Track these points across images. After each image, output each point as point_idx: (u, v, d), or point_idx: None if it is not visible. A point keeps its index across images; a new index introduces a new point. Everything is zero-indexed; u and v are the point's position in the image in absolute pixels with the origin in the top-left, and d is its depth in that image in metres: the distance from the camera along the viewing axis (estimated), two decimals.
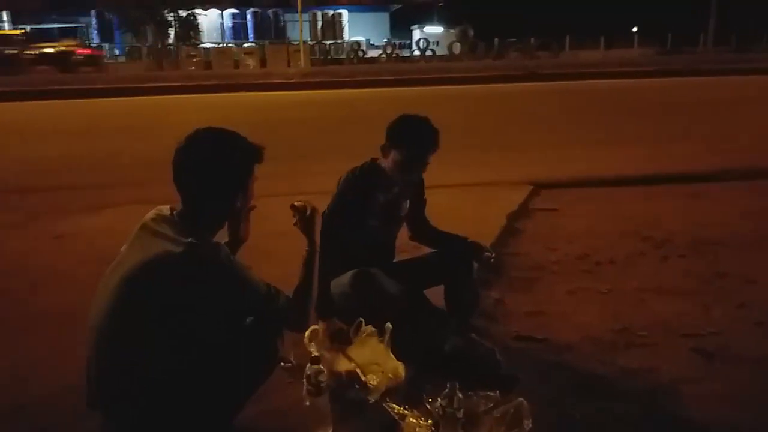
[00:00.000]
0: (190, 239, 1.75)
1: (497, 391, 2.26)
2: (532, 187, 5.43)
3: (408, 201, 2.85)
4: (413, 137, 2.62)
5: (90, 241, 4.23)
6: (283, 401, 2.26)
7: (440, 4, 37.27)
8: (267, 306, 1.87)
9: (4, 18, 33.40)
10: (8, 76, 19.26)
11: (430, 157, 2.65)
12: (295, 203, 2.07)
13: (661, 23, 33.57)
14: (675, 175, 5.86)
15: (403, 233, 2.99)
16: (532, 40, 29.21)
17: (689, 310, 3.13)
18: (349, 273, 2.65)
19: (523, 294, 3.36)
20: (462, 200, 5.05)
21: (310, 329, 2.31)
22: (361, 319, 2.37)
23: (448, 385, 2.04)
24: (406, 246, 3.07)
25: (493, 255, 2.87)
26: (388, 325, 2.42)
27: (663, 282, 3.47)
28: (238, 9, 35.07)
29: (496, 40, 29.03)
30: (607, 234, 4.28)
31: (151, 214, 1.90)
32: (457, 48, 28.67)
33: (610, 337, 2.86)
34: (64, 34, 34.66)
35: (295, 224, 2.08)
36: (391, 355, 2.41)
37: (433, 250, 2.94)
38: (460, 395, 2.03)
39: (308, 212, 2.06)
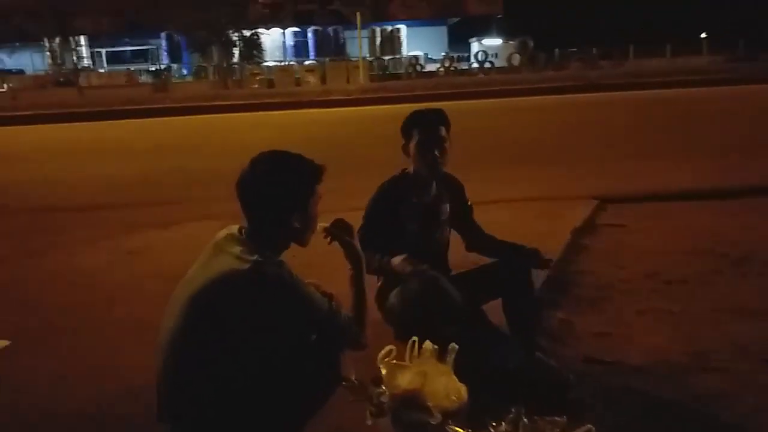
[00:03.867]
0: (255, 257, 1.80)
1: (565, 417, 2.20)
2: (597, 201, 5.27)
3: (447, 205, 2.85)
4: (418, 120, 2.75)
5: (159, 257, 4.39)
6: (344, 420, 2.26)
7: (498, 16, 37.00)
8: (329, 323, 1.89)
9: (82, 42, 35.31)
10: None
11: (444, 131, 2.74)
12: (324, 225, 2.08)
13: (732, 29, 32.23)
14: (751, 188, 5.56)
15: (458, 246, 2.94)
16: (594, 49, 28.56)
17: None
18: (414, 280, 2.64)
19: (591, 314, 3.25)
20: (524, 216, 4.97)
21: (386, 349, 2.32)
22: (415, 338, 2.34)
23: (513, 410, 2.00)
24: (463, 261, 3.02)
25: (551, 260, 2.80)
26: (454, 345, 2.38)
27: (740, 302, 3.29)
28: (299, 27, 35.92)
29: (556, 50, 28.56)
30: (679, 251, 4.10)
31: (222, 232, 1.96)
32: (516, 60, 28.36)
33: (683, 360, 2.73)
34: (137, 55, 36.50)
35: (329, 243, 2.09)
36: (454, 377, 2.37)
37: (489, 261, 2.89)
38: (525, 420, 1.98)
39: (342, 228, 2.07)
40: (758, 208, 5.08)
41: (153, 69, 31.57)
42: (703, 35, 34.11)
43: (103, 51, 36.67)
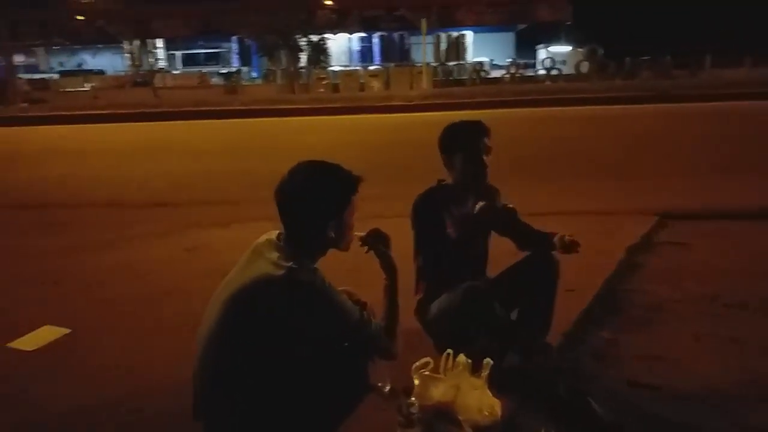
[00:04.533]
0: (290, 264, 1.84)
1: None
2: (658, 218, 5.08)
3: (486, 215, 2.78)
4: (461, 134, 2.73)
5: (216, 255, 4.52)
6: (375, 428, 2.27)
7: (567, 22, 36.21)
8: (358, 332, 1.91)
9: (159, 44, 36.92)
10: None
11: (487, 140, 2.72)
12: (361, 234, 2.09)
13: None
14: None
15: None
16: (668, 58, 27.50)
17: None
18: (454, 291, 2.64)
19: (639, 335, 3.14)
20: (579, 230, 4.71)
21: (422, 360, 2.33)
22: (450, 351, 2.32)
23: (543, 429, 1.96)
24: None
25: (571, 237, 2.74)
26: (488, 360, 2.36)
27: None
28: (365, 33, 36.29)
29: (627, 58, 27.67)
30: (742, 274, 3.90)
31: (262, 237, 2.02)
32: (584, 67, 27.66)
33: (735, 390, 2.60)
34: (209, 58, 37.83)
35: (366, 252, 2.11)
36: (488, 392, 2.35)
37: (517, 261, 2.86)
38: None
39: (378, 238, 2.08)
40: None
41: (224, 72, 32.62)
42: None
43: (179, 53, 38.18)
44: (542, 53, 34.24)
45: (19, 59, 35.62)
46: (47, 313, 3.53)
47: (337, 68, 30.72)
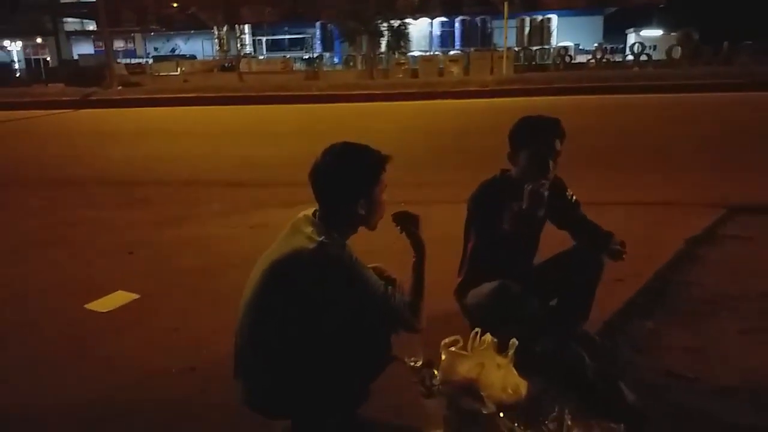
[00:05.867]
0: (321, 238, 1.98)
1: (621, 425, 2.17)
2: (725, 210, 4.86)
3: (544, 209, 2.73)
4: (532, 131, 2.64)
5: (277, 232, 4.73)
6: (402, 398, 2.38)
7: (660, 5, 34.38)
8: (383, 304, 2.03)
9: (246, 30, 38.19)
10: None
11: (559, 144, 2.63)
12: (393, 213, 2.19)
13: None
14: None
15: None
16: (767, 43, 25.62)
17: None
18: (489, 285, 2.71)
19: (686, 328, 3.07)
20: (640, 220, 4.73)
21: (452, 338, 2.42)
22: (478, 329, 2.39)
23: (557, 408, 2.01)
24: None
25: (620, 247, 2.69)
26: (514, 340, 2.42)
27: None
28: (447, 17, 35.95)
29: (725, 43, 26.00)
30: None
31: (300, 214, 2.18)
32: (677, 52, 26.21)
33: None
34: (294, 44, 38.75)
35: (400, 232, 2.20)
36: (514, 371, 2.41)
37: (564, 252, 2.84)
38: (568, 421, 1.98)
39: (408, 219, 2.18)
40: None
41: (306, 57, 33.33)
42: None
43: (264, 39, 39.34)
44: (632, 38, 32.73)
45: (118, 45, 37.98)
46: (122, 279, 3.87)
47: (417, 53, 30.69)
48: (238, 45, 35.86)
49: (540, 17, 35.26)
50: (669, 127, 10.36)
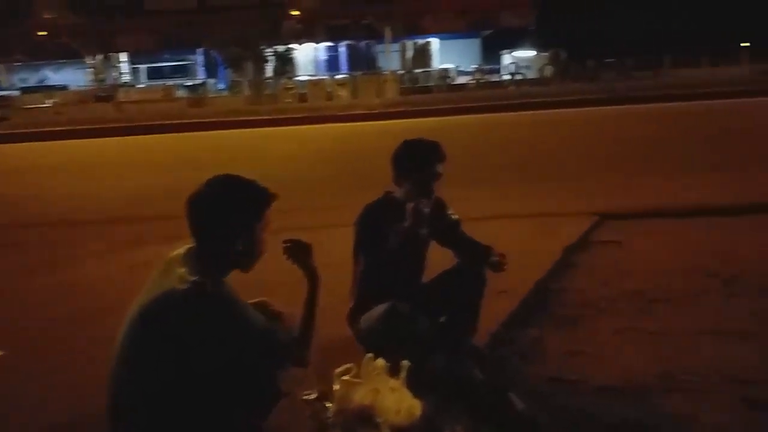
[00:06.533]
0: (195, 278, 1.88)
1: None
2: (597, 217, 5.22)
3: (426, 229, 2.83)
4: (415, 156, 2.72)
5: None
6: None
7: (531, 28, 36.80)
8: (266, 341, 1.96)
9: (123, 58, 36.57)
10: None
11: (440, 168, 2.72)
12: (284, 244, 2.12)
13: None
14: (759, 204, 5.41)
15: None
16: (628, 60, 28.13)
17: (746, 354, 2.90)
18: (379, 309, 2.71)
19: (566, 332, 3.24)
20: (522, 232, 4.96)
21: (344, 366, 2.38)
22: (371, 355, 2.39)
23: (450, 425, 2.03)
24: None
25: (500, 258, 2.80)
26: (406, 362, 2.43)
27: (723, 323, 3.24)
28: (332, 42, 36.41)
29: (589, 61, 28.23)
30: (670, 270, 4.04)
31: (173, 252, 2.06)
32: (548, 71, 28.15)
33: (650, 380, 2.71)
34: (176, 71, 37.55)
35: (292, 263, 2.14)
36: (407, 393, 2.41)
37: (449, 269, 2.91)
38: None
39: (299, 248, 2.12)
40: (763, 225, 4.96)
41: (189, 84, 32.41)
42: (744, 45, 33.18)
43: (143, 66, 37.82)
44: (507, 58, 34.73)
45: None
46: None
47: (304, 78, 30.76)
48: (115, 74, 34.22)
49: (421, 41, 36.57)
50: (544, 141, 11.04)
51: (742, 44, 32.59)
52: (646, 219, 5.24)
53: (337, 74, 32.27)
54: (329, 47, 36.87)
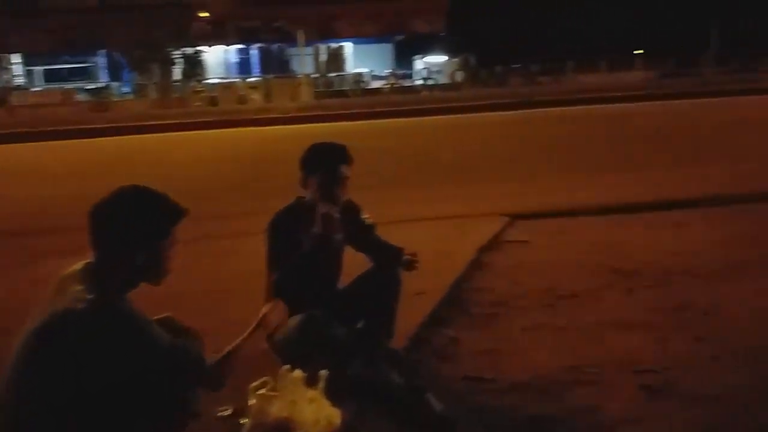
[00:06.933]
0: (92, 296, 1.77)
1: None
2: (508, 218, 5.41)
3: (342, 234, 2.83)
4: (320, 158, 2.72)
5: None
6: None
7: (441, 34, 37.72)
8: (173, 359, 1.87)
9: (16, 60, 34.24)
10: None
11: (346, 170, 2.72)
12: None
13: (664, 44, 33.70)
14: (656, 202, 5.80)
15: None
16: (534, 66, 29.44)
17: (645, 345, 3.08)
18: (295, 318, 2.67)
19: (480, 331, 3.33)
20: (437, 234, 5.05)
21: (259, 381, 2.32)
22: (287, 366, 2.35)
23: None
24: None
25: (412, 258, 2.85)
26: (323, 372, 2.41)
27: (624, 315, 3.43)
28: (243, 44, 35.76)
29: (498, 67, 29.31)
30: (576, 266, 4.25)
31: (69, 269, 1.92)
32: (459, 76, 28.96)
33: (559, 375, 2.83)
34: (75, 73, 35.55)
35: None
36: (326, 402, 2.39)
37: (363, 273, 2.92)
38: None
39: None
40: (659, 221, 5.31)
41: (91, 87, 30.80)
42: (638, 51, 35.52)
43: (40, 69, 35.58)
44: (419, 64, 35.42)
45: None
46: None
47: (214, 81, 30.00)
48: (6, 76, 31.98)
49: (335, 45, 36.62)
50: (456, 145, 11.31)
51: (636, 51, 34.88)
52: (552, 218, 5.47)
53: (250, 77, 31.74)
54: (240, 50, 36.20)
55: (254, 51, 36.29)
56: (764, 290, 3.66)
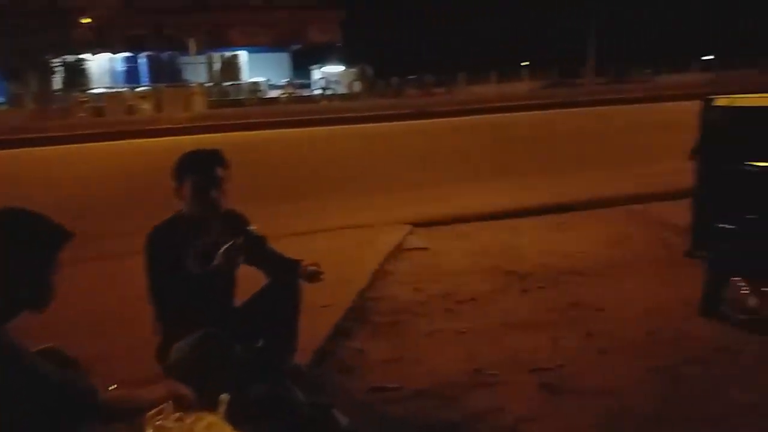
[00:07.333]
0: None
1: None
2: (410, 226, 5.48)
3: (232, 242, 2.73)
4: (192, 163, 2.61)
5: None
6: None
7: (338, 44, 37.94)
8: (57, 394, 1.72)
9: None
10: None
11: (221, 171, 2.60)
12: None
13: (548, 56, 35.82)
14: (543, 206, 6.10)
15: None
16: (429, 77, 30.29)
17: (541, 343, 3.21)
18: (190, 339, 2.54)
19: (384, 340, 3.33)
20: (339, 244, 5.02)
21: (156, 409, 2.17)
22: (186, 392, 2.23)
23: None
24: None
25: (315, 269, 2.78)
26: (224, 396, 2.31)
27: (520, 316, 3.56)
28: (131, 52, 34.14)
29: (394, 78, 29.87)
30: (473, 270, 4.37)
31: None
32: (357, 87, 29.21)
33: (461, 379, 2.88)
34: None
35: None
36: (227, 427, 2.28)
37: (261, 288, 2.82)
38: None
39: None
40: (548, 224, 5.60)
41: None
42: (524, 63, 37.49)
43: None
44: (317, 73, 35.39)
45: None
46: None
47: (100, 90, 28.39)
48: None
49: (229, 54, 35.82)
50: (356, 155, 11.37)
51: (522, 63, 36.80)
52: (449, 225, 5.61)
53: (138, 86, 30.30)
54: (128, 58, 34.53)
55: (143, 59, 34.72)
56: (643, 286, 3.93)
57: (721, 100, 2.45)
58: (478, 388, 2.79)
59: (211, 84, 30.67)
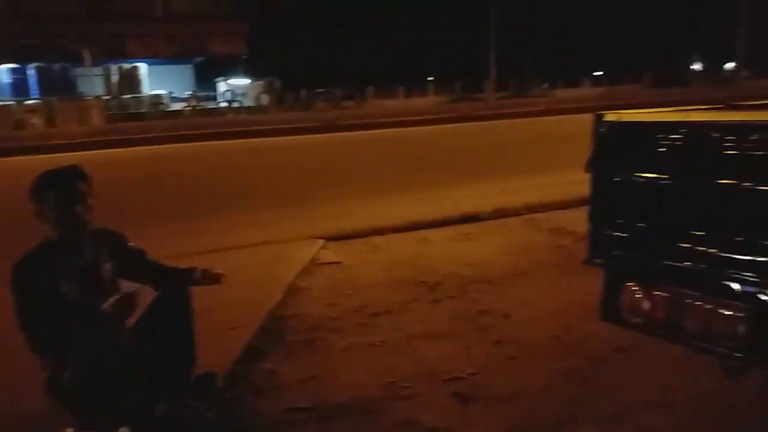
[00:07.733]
0: None
1: None
2: (323, 241, 5.45)
3: (109, 263, 2.61)
4: (50, 181, 2.48)
5: None
6: None
7: (243, 56, 37.27)
8: None
9: None
10: None
11: (83, 186, 2.49)
12: None
13: (451, 72, 36.93)
14: (451, 218, 6.25)
15: None
16: (338, 90, 30.35)
17: (453, 352, 3.28)
18: (80, 366, 2.37)
19: (298, 359, 3.28)
20: (250, 260, 4.92)
21: None
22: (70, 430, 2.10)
23: None
24: None
25: (212, 271, 2.73)
26: (124, 429, 2.19)
27: (432, 326, 3.62)
28: (18, 64, 31.92)
29: (302, 91, 29.68)
30: (385, 283, 4.41)
31: None
32: (264, 99, 28.77)
33: (377, 393, 2.89)
34: None
35: None
36: None
37: (151, 303, 2.68)
38: None
39: None
40: (454, 235, 5.73)
41: None
42: (430, 78, 38.44)
43: None
44: (222, 86, 34.57)
45: None
46: None
47: None
48: None
49: (127, 65, 34.34)
50: (264, 168, 11.18)
51: (428, 78, 37.73)
52: (361, 238, 5.62)
53: (27, 99, 28.32)
54: (15, 69, 32.25)
55: (32, 71, 32.55)
56: (547, 292, 4.11)
57: (611, 115, 2.60)
58: (395, 401, 2.81)
59: (109, 97, 29.16)
